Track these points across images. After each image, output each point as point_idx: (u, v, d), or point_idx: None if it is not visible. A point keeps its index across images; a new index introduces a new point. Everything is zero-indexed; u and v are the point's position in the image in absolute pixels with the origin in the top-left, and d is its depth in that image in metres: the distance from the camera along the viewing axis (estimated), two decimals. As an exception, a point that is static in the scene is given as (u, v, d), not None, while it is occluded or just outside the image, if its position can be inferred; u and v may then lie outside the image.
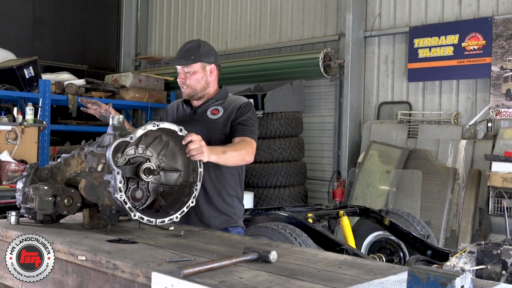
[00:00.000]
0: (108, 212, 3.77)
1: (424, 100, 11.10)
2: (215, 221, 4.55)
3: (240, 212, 4.75)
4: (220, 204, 4.58)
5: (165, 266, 2.90)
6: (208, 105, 4.69)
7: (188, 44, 4.68)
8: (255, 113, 4.71)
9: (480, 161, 9.76)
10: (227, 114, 4.59)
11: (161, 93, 15.25)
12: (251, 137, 4.46)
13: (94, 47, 17.09)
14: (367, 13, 11.95)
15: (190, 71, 4.60)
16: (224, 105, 4.67)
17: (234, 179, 4.68)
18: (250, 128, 4.50)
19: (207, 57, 4.63)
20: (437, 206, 9.91)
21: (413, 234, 7.02)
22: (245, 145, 4.35)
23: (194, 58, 4.57)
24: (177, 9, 16.40)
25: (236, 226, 4.66)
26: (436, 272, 2.19)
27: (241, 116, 4.55)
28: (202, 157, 3.87)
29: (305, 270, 2.90)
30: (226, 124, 4.56)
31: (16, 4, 15.21)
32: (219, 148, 4.13)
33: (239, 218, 4.73)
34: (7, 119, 9.85)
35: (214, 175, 4.52)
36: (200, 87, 4.64)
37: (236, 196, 4.72)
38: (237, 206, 4.71)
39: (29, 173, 4.08)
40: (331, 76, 12.16)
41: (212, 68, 4.67)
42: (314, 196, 12.37)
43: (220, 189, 4.59)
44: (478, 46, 10.18)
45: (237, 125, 4.51)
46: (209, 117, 4.62)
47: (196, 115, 4.69)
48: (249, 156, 4.37)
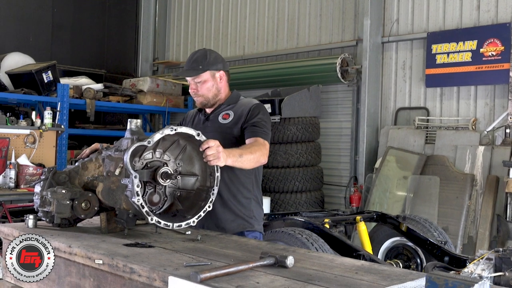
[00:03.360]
0: (125, 216, 3.77)
1: (441, 106, 11.07)
2: (231, 225, 4.56)
3: (258, 215, 4.74)
4: (236, 207, 4.59)
5: (182, 270, 2.90)
6: (219, 110, 4.74)
7: (194, 55, 4.72)
8: (267, 114, 4.71)
9: (498, 167, 9.71)
10: (237, 117, 4.63)
11: (179, 98, 15.29)
12: (264, 138, 4.47)
13: (112, 51, 17.19)
14: (385, 18, 11.94)
15: (200, 81, 4.66)
16: (235, 108, 4.70)
17: (249, 181, 4.67)
18: (262, 129, 4.50)
19: (214, 65, 4.67)
20: (455, 212, 9.87)
21: (431, 240, 7.00)
22: (259, 147, 4.35)
23: (203, 68, 4.62)
24: (194, 14, 16.45)
25: (252, 231, 4.64)
26: (454, 278, 2.18)
27: (252, 117, 4.56)
28: (219, 162, 3.86)
29: (322, 276, 2.89)
30: (237, 127, 4.59)
31: (35, 9, 15.33)
32: (236, 151, 4.11)
33: (257, 222, 4.70)
34: (26, 123, 9.90)
35: (228, 177, 4.52)
36: (212, 95, 4.70)
37: (254, 199, 4.70)
38: (254, 209, 4.70)
39: (47, 177, 4.09)
40: (348, 82, 12.15)
41: (221, 75, 4.72)
42: (330, 202, 12.36)
43: (235, 191, 4.60)
44: (496, 52, 10.14)
45: (249, 126, 4.53)
46: (220, 122, 4.67)
47: (209, 121, 4.75)
48: (263, 157, 4.37)
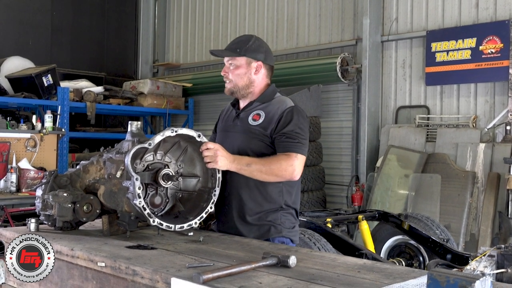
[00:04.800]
0: (127, 218, 3.77)
1: (442, 104, 11.07)
2: (253, 235, 4.17)
3: (288, 222, 4.29)
4: (260, 217, 4.21)
5: (185, 271, 2.90)
6: (251, 109, 4.36)
7: (239, 38, 4.46)
8: (303, 117, 4.25)
9: (499, 164, 9.71)
10: (268, 120, 4.23)
11: (179, 100, 15.30)
12: (295, 151, 4.07)
13: (112, 54, 17.18)
14: (384, 17, 11.93)
15: (233, 64, 4.33)
16: (268, 108, 4.30)
17: (277, 191, 4.22)
18: (294, 141, 4.09)
19: (254, 53, 4.32)
20: (457, 210, 9.87)
21: (433, 238, 7.00)
22: (280, 161, 4.02)
23: (240, 51, 4.29)
24: (194, 15, 16.44)
25: (280, 237, 4.22)
26: (455, 275, 2.18)
27: (284, 126, 4.14)
28: (216, 166, 3.82)
29: (325, 275, 2.90)
30: (266, 132, 4.20)
31: (34, 13, 15.32)
32: (245, 159, 3.98)
33: (285, 229, 4.25)
34: (26, 127, 9.92)
35: (254, 185, 4.17)
36: (242, 84, 4.34)
37: (283, 208, 4.27)
38: (283, 217, 4.25)
39: (48, 180, 4.08)
40: (348, 81, 12.13)
41: (258, 66, 4.35)
42: (332, 201, 12.35)
43: (261, 201, 4.21)
44: (495, 49, 10.13)
45: (280, 137, 4.14)
46: (250, 123, 4.28)
47: (239, 119, 4.38)
48: (286, 173, 4.03)
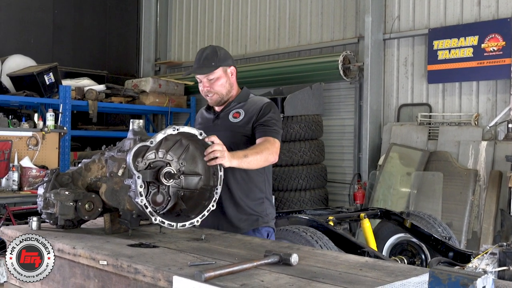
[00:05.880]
0: (129, 217, 3.77)
1: (444, 102, 11.07)
2: (245, 223, 4.50)
3: (271, 213, 4.69)
4: (249, 207, 4.53)
5: (187, 270, 2.90)
6: (229, 109, 4.64)
7: (204, 52, 4.60)
8: (278, 112, 4.62)
9: (501, 162, 9.70)
10: (248, 116, 4.54)
11: (181, 98, 15.31)
12: (274, 136, 4.38)
13: (114, 52, 17.18)
14: (386, 15, 11.93)
15: (213, 78, 4.54)
16: (245, 107, 4.61)
17: (261, 180, 4.62)
18: (272, 128, 4.42)
19: (225, 61, 4.58)
20: (459, 208, 9.86)
21: (435, 236, 7.01)
22: (267, 146, 4.28)
23: (215, 64, 4.51)
24: (196, 13, 16.44)
25: (267, 226, 4.60)
26: (457, 273, 2.18)
27: (263, 116, 4.47)
28: (223, 161, 3.84)
29: (326, 273, 2.89)
30: (248, 126, 4.50)
31: (36, 11, 15.31)
32: (240, 153, 4.07)
33: (270, 219, 4.66)
34: (28, 125, 9.90)
35: (240, 177, 4.48)
36: (225, 91, 4.60)
37: (267, 198, 4.66)
38: (267, 207, 4.64)
39: (50, 179, 4.08)
40: (350, 79, 12.14)
41: (232, 70, 4.64)
42: (334, 199, 12.35)
43: (247, 191, 4.54)
44: (497, 47, 10.13)
45: (259, 126, 4.45)
46: (231, 121, 4.57)
47: (219, 119, 4.65)
48: (272, 156, 4.29)
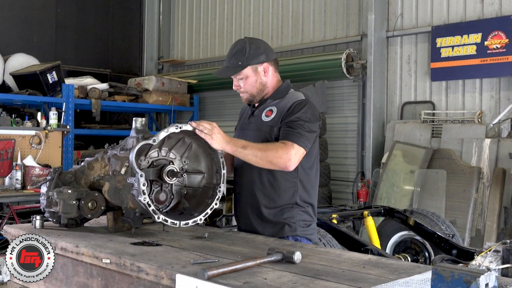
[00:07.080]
0: (132, 215, 3.77)
1: (447, 100, 11.05)
2: (270, 231, 4.14)
3: (303, 221, 4.22)
4: (273, 214, 4.17)
5: (190, 268, 2.90)
6: (265, 105, 4.35)
7: (234, 48, 4.33)
8: (312, 112, 4.22)
9: (505, 159, 9.70)
10: (279, 114, 4.21)
11: (184, 96, 15.29)
12: (293, 140, 3.97)
13: (117, 51, 17.17)
14: (389, 13, 11.92)
15: (242, 77, 4.29)
16: (280, 104, 4.29)
17: (291, 185, 4.17)
18: (295, 131, 4.02)
19: (255, 58, 4.27)
20: (462, 206, 9.86)
21: (438, 233, 7.00)
22: (277, 148, 3.93)
23: (242, 64, 4.24)
24: (199, 11, 16.44)
25: (294, 235, 4.16)
26: (460, 270, 2.18)
27: (290, 115, 4.12)
28: (211, 141, 3.77)
29: (330, 271, 2.90)
30: (277, 125, 4.17)
31: (38, 9, 15.31)
32: (240, 142, 3.92)
33: (299, 227, 4.19)
34: (31, 124, 9.89)
35: (267, 180, 4.17)
36: (256, 90, 4.32)
37: (298, 204, 4.20)
38: (297, 215, 4.19)
39: (53, 177, 4.09)
40: (353, 77, 12.12)
41: (265, 68, 4.31)
42: (338, 197, 12.35)
43: (274, 196, 4.17)
44: (501, 44, 10.11)
45: (284, 126, 4.11)
46: (263, 120, 4.27)
47: (253, 117, 4.39)
48: (281, 160, 3.91)
